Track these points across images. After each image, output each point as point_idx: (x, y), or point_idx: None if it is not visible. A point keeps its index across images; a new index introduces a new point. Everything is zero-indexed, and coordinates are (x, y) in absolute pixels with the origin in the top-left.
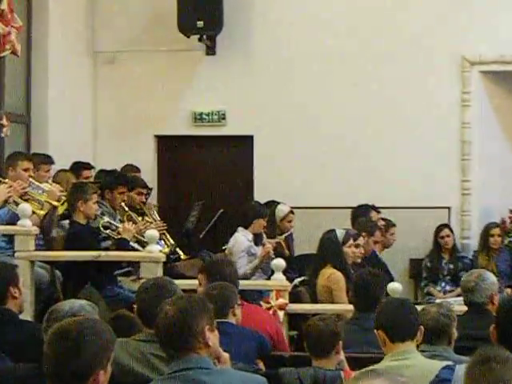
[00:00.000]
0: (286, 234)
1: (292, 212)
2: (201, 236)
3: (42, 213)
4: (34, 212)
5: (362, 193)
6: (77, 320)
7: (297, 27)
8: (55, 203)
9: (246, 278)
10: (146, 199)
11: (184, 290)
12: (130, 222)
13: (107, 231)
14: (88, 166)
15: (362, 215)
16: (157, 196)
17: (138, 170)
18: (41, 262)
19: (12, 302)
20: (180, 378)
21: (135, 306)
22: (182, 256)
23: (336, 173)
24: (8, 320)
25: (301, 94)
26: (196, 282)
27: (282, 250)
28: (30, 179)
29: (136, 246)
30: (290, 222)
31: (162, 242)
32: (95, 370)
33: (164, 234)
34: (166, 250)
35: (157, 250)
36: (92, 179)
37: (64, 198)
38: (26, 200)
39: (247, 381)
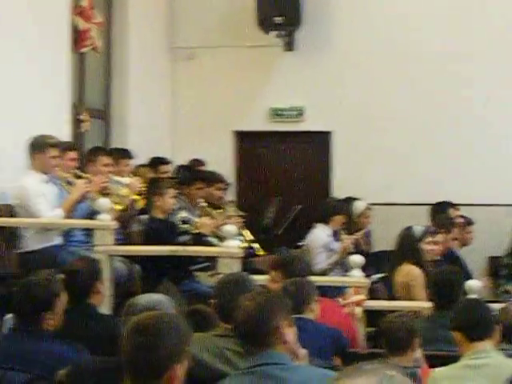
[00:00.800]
0: (364, 231)
1: (369, 208)
2: (279, 232)
3: (120, 207)
4: (115, 204)
5: (440, 189)
6: (154, 314)
7: (377, 22)
8: (135, 197)
9: (324, 273)
10: (225, 195)
11: (261, 286)
12: (208, 217)
13: (185, 226)
14: (166, 161)
15: (440, 212)
16: (235, 192)
17: (202, 163)
18: (119, 256)
19: (95, 296)
20: (256, 374)
21: (212, 301)
22: (260, 251)
23: (415, 169)
24: (89, 314)
25: (380, 89)
26: None
27: (361, 246)
28: (110, 175)
29: (214, 240)
30: (367, 218)
31: (241, 237)
32: (172, 364)
33: (242, 228)
34: (244, 244)
35: (234, 245)
36: (170, 174)
37: (144, 191)
38: (106, 194)
39: (323, 376)
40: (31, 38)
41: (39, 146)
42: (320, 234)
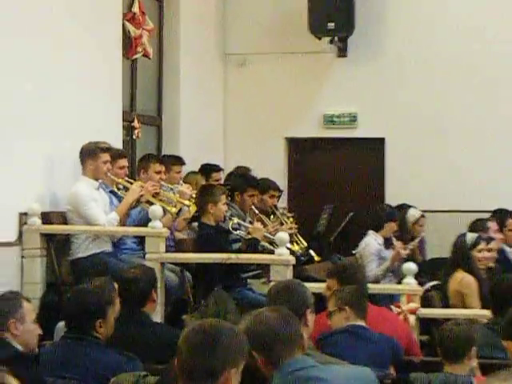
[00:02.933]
0: (418, 239)
1: (423, 216)
2: (331, 239)
3: (175, 210)
4: (166, 210)
5: (495, 196)
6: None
7: (430, 26)
8: (187, 202)
9: (376, 280)
10: (277, 202)
11: (314, 294)
12: (259, 223)
13: (237, 232)
14: (217, 168)
15: (498, 219)
16: (287, 199)
17: (249, 170)
18: (171, 263)
19: (150, 305)
20: (300, 378)
21: None
22: (316, 258)
23: (469, 175)
24: (143, 322)
25: (434, 95)
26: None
27: (415, 254)
28: (162, 182)
29: (267, 245)
30: (421, 226)
31: (295, 244)
32: (228, 368)
33: (296, 235)
34: (296, 247)
35: (287, 252)
36: (222, 181)
37: (195, 198)
38: (159, 200)
39: (359, 373)
40: (83, 45)
41: (91, 151)
42: (371, 242)
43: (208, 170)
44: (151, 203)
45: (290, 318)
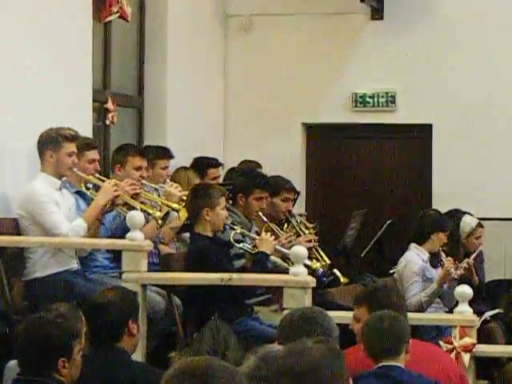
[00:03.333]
0: (475, 256)
1: (481, 225)
2: (362, 255)
3: (159, 215)
4: (149, 214)
5: None
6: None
7: None
8: (175, 205)
9: (420, 309)
10: (293, 206)
11: (339, 324)
12: (268, 233)
13: (240, 245)
14: (215, 163)
15: None
16: (305, 202)
17: (259, 166)
18: (155, 286)
19: (128, 339)
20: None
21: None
22: (342, 279)
23: None
24: (118, 362)
25: (494, 69)
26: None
27: (471, 275)
28: (143, 181)
29: (280, 261)
30: (478, 238)
31: (315, 261)
32: None
33: (316, 249)
34: (317, 265)
35: (305, 272)
36: (221, 180)
37: (185, 201)
38: (140, 203)
39: None
40: (40, 5)
41: (51, 140)
42: (414, 258)
43: (203, 165)
44: (130, 207)
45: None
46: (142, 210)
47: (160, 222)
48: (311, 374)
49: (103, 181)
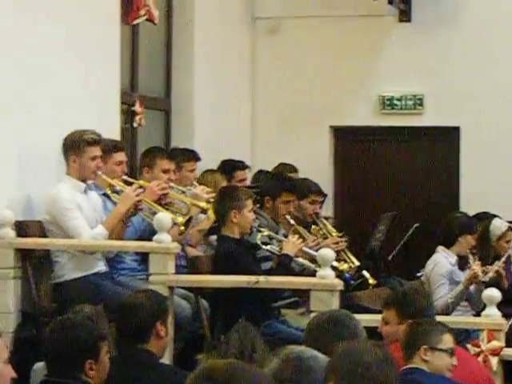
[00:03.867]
0: (504, 259)
1: (511, 229)
2: (389, 258)
3: (182, 219)
4: (175, 223)
5: None
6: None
7: None
8: (203, 204)
9: (447, 311)
10: (320, 209)
11: (366, 327)
12: (297, 236)
13: (267, 248)
14: (242, 166)
15: None
16: (333, 205)
17: (294, 170)
18: (182, 288)
19: (155, 342)
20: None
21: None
22: (371, 280)
23: None
24: (145, 364)
25: None
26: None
27: (501, 278)
28: (171, 184)
29: (307, 263)
30: (508, 242)
31: (343, 263)
32: None
33: (344, 252)
34: (345, 267)
35: (332, 274)
36: (248, 182)
37: (213, 203)
38: (165, 205)
39: None
40: (69, 9)
41: (74, 144)
42: (441, 261)
43: (230, 167)
44: (155, 211)
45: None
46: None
47: (182, 228)
48: (364, 375)
49: (130, 185)
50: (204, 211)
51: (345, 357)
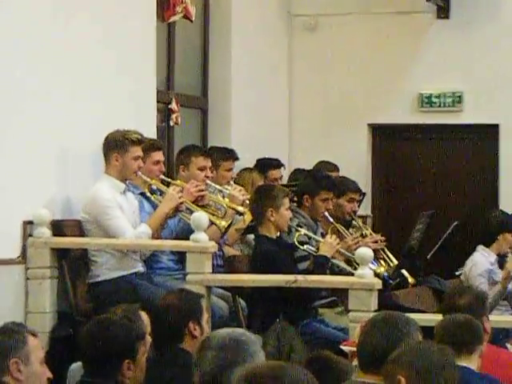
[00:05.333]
0: None
1: None
2: (428, 257)
3: (224, 224)
4: (212, 222)
5: None
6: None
7: None
8: (240, 208)
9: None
10: (359, 207)
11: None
12: (334, 236)
13: (305, 247)
14: (276, 164)
15: None
16: (371, 204)
17: (335, 168)
18: (220, 288)
19: (190, 341)
20: None
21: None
22: (410, 280)
23: None
24: (182, 363)
25: None
26: (425, 316)
27: None
28: (207, 181)
29: (343, 265)
30: None
31: (376, 262)
32: None
33: (383, 250)
34: (382, 269)
35: (370, 274)
36: (284, 181)
37: (249, 203)
38: (203, 206)
39: None
40: (106, 6)
41: (118, 143)
42: (480, 260)
43: (265, 166)
44: (192, 212)
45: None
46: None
47: (223, 230)
48: (438, 375)
49: (167, 184)
50: (241, 214)
51: (418, 355)
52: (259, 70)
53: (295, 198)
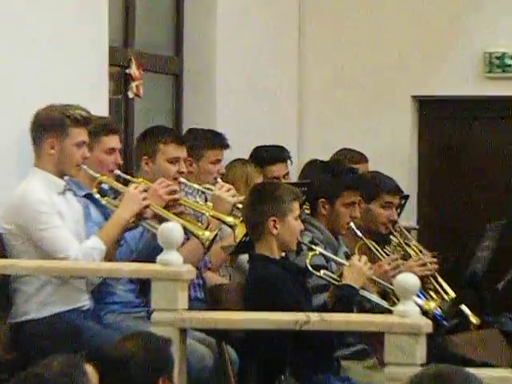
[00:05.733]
0: None
1: None
2: (499, 287)
3: (208, 235)
4: (190, 233)
5: None
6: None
7: None
8: (229, 219)
9: None
10: (399, 215)
11: None
12: (364, 257)
13: (321, 273)
14: (282, 155)
15: None
16: (416, 210)
17: (363, 159)
18: (199, 330)
19: None
20: None
21: None
22: (473, 319)
23: None
24: None
25: None
26: (495, 372)
27: None
28: (182, 179)
29: (376, 299)
30: None
31: (424, 295)
32: None
33: (435, 278)
34: (432, 305)
35: (415, 311)
36: (293, 178)
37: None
38: (178, 215)
39: None
40: None
41: (53, 123)
42: None
43: (264, 157)
44: (163, 219)
45: None
46: (181, 224)
47: (207, 244)
48: None
49: (126, 183)
50: (230, 226)
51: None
52: (258, 22)
53: (307, 203)
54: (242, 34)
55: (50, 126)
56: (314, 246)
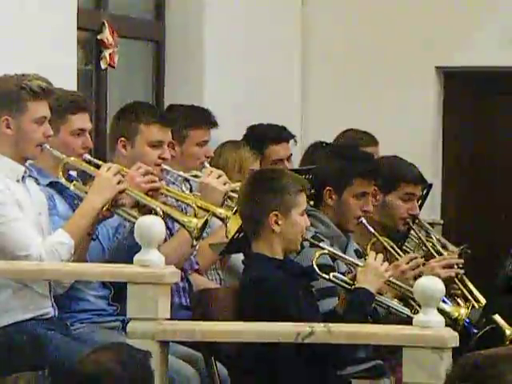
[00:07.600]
0: None
1: None
2: None
3: (196, 222)
4: (175, 221)
5: None
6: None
7: None
8: (219, 210)
9: None
10: (420, 208)
11: None
12: (381, 256)
13: (330, 276)
14: (282, 135)
15: None
16: (440, 203)
17: (373, 141)
18: (183, 344)
19: None
20: None
21: None
22: (507, 331)
23: None
24: None
25: None
26: None
27: None
28: (164, 165)
29: (395, 305)
30: None
31: (450, 301)
32: None
33: (462, 281)
34: (463, 311)
35: (440, 320)
36: (296, 164)
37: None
38: (160, 204)
39: None
40: None
41: (8, 97)
42: None
43: (262, 138)
44: (144, 210)
45: None
46: (164, 215)
47: (195, 234)
48: None
49: (98, 166)
50: (221, 219)
51: None
52: None
53: (311, 192)
54: None
55: (3, 100)
56: (320, 244)
